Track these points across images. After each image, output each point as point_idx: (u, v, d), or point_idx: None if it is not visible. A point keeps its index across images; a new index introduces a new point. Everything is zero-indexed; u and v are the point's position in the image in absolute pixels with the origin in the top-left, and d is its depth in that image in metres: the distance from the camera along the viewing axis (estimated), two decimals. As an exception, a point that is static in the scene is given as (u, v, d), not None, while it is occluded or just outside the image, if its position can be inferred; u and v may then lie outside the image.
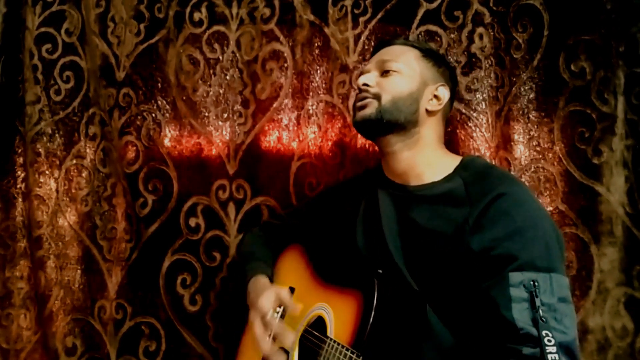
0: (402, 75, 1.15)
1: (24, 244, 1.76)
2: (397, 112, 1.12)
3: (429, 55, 1.19)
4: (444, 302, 1.03)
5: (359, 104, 1.15)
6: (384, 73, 1.16)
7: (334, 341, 1.05)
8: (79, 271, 1.71)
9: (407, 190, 1.14)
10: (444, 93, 1.16)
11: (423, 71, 1.16)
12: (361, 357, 0.96)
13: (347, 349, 1.00)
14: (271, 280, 1.30)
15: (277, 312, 1.24)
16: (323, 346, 1.07)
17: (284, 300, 1.16)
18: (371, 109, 1.13)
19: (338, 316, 1.10)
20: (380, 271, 1.08)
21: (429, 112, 1.15)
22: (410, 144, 1.14)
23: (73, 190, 1.74)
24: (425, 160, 1.14)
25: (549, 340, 0.89)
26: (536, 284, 0.93)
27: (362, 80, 1.16)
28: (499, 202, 1.00)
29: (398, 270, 1.08)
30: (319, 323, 1.13)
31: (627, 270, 1.31)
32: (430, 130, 1.16)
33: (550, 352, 0.88)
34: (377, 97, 1.13)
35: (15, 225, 1.78)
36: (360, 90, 1.17)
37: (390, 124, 1.12)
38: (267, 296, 1.16)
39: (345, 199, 1.29)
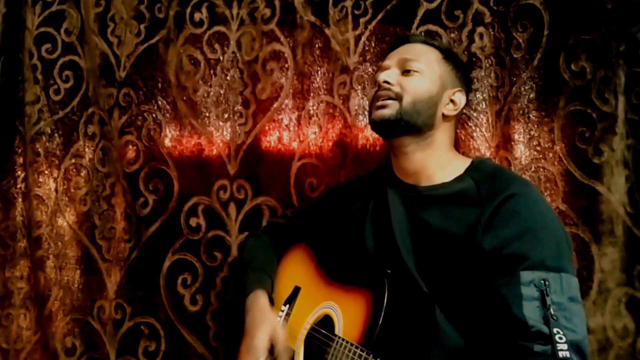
0: (424, 76, 1.14)
1: (24, 244, 1.76)
2: (416, 114, 1.12)
3: (449, 58, 1.18)
4: (453, 302, 1.03)
5: (380, 103, 1.14)
6: (405, 72, 1.15)
7: (343, 339, 1.05)
8: (78, 271, 1.70)
9: (418, 190, 1.15)
10: (461, 98, 1.16)
11: (443, 74, 1.15)
12: (371, 355, 0.96)
13: (357, 347, 1.00)
14: (272, 292, 1.28)
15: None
16: (331, 344, 1.07)
17: (277, 338, 1.13)
18: (391, 110, 1.12)
19: (346, 315, 1.09)
20: (389, 271, 1.08)
21: (445, 117, 1.15)
22: (423, 145, 1.14)
23: (72, 190, 1.73)
24: (437, 162, 1.14)
25: (560, 338, 0.89)
26: (547, 283, 0.94)
27: (383, 77, 1.15)
28: (510, 202, 1.02)
29: (407, 270, 1.08)
30: (326, 321, 1.13)
31: (628, 270, 1.30)
32: (444, 134, 1.16)
33: (562, 350, 0.89)
34: (398, 97, 1.12)
35: (15, 225, 1.77)
36: (380, 87, 1.15)
37: (407, 126, 1.12)
38: (261, 335, 1.12)
39: (354, 198, 1.28)
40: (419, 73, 1.14)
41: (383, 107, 1.13)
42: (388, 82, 1.14)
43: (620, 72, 1.31)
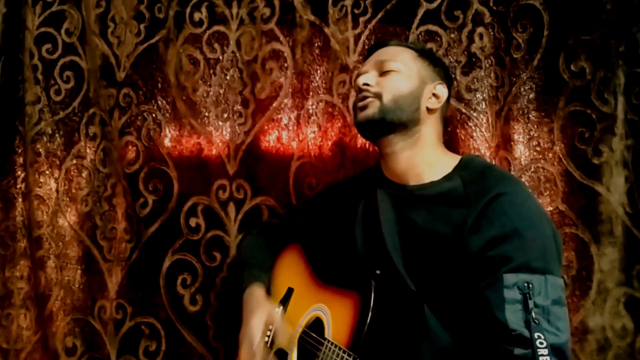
0: (401, 74, 1.15)
1: (24, 244, 1.76)
2: (399, 110, 1.12)
3: (424, 55, 1.20)
4: (442, 302, 1.03)
5: (360, 104, 1.15)
6: (383, 73, 1.16)
7: (332, 343, 1.05)
8: (79, 271, 1.71)
9: (407, 190, 1.14)
10: (442, 91, 1.17)
11: (420, 70, 1.17)
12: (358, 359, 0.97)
13: (344, 352, 1.00)
14: (268, 287, 1.30)
15: (268, 337, 1.24)
16: (321, 348, 1.07)
17: (275, 321, 1.16)
18: (373, 108, 1.13)
19: (335, 318, 1.10)
20: (378, 272, 1.08)
21: (429, 111, 1.16)
22: (410, 143, 1.14)
23: (73, 190, 1.74)
24: (425, 160, 1.14)
25: (541, 342, 0.89)
26: (530, 285, 0.93)
27: (361, 80, 1.16)
28: (497, 202, 1.01)
29: (396, 270, 1.08)
30: (317, 324, 1.14)
31: (627, 270, 1.30)
32: (430, 129, 1.16)
33: (542, 355, 0.89)
34: (378, 96, 1.13)
35: (15, 225, 1.78)
36: (360, 91, 1.17)
37: (392, 124, 1.12)
38: (257, 320, 1.16)
39: (345, 198, 1.28)
40: (397, 71, 1.15)
41: (365, 107, 1.14)
42: (367, 84, 1.16)
43: (619, 73, 1.31)
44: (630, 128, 1.31)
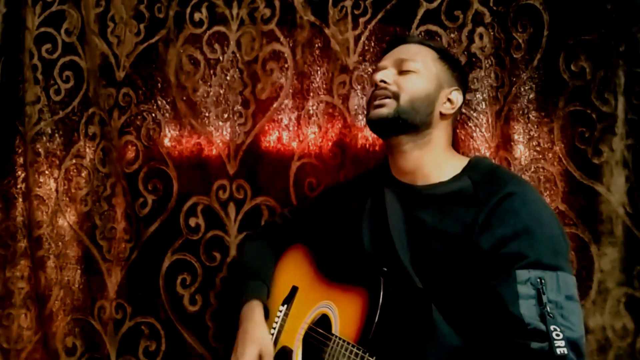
0: (420, 75, 1.14)
1: (24, 244, 1.76)
2: (414, 112, 1.12)
3: (445, 57, 1.19)
4: (450, 301, 1.03)
5: (377, 102, 1.14)
6: (402, 72, 1.15)
7: (340, 338, 1.05)
8: (78, 271, 1.71)
9: (415, 189, 1.15)
10: (458, 97, 1.17)
11: (439, 73, 1.16)
12: (367, 354, 0.97)
13: (354, 346, 1.00)
14: (268, 297, 1.30)
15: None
16: (328, 343, 1.07)
17: (265, 354, 1.17)
18: (389, 108, 1.12)
19: (343, 314, 1.10)
20: (385, 269, 1.08)
21: (442, 115, 1.15)
22: (421, 144, 1.14)
23: (73, 190, 1.74)
24: (433, 161, 1.14)
25: (557, 335, 0.90)
26: (543, 281, 0.94)
27: (380, 76, 1.15)
28: (507, 202, 1.02)
29: (404, 269, 1.08)
30: (323, 321, 1.14)
31: (627, 270, 1.31)
32: (441, 132, 1.16)
33: (559, 347, 0.89)
34: (395, 96, 1.13)
35: (15, 225, 1.78)
36: (377, 87, 1.16)
37: (405, 125, 1.12)
38: (249, 352, 1.17)
39: (351, 197, 1.28)
40: (415, 72, 1.14)
41: (381, 106, 1.13)
42: (385, 82, 1.14)
43: (620, 73, 1.31)
44: (630, 128, 1.31)
